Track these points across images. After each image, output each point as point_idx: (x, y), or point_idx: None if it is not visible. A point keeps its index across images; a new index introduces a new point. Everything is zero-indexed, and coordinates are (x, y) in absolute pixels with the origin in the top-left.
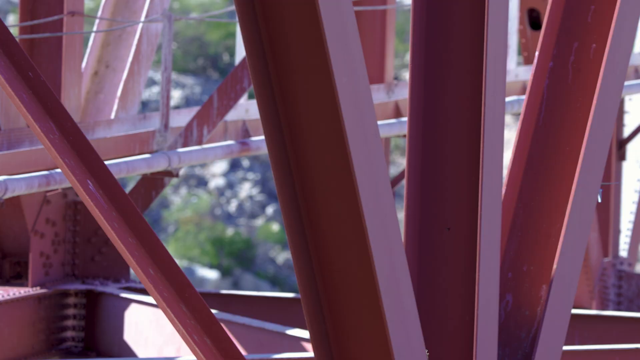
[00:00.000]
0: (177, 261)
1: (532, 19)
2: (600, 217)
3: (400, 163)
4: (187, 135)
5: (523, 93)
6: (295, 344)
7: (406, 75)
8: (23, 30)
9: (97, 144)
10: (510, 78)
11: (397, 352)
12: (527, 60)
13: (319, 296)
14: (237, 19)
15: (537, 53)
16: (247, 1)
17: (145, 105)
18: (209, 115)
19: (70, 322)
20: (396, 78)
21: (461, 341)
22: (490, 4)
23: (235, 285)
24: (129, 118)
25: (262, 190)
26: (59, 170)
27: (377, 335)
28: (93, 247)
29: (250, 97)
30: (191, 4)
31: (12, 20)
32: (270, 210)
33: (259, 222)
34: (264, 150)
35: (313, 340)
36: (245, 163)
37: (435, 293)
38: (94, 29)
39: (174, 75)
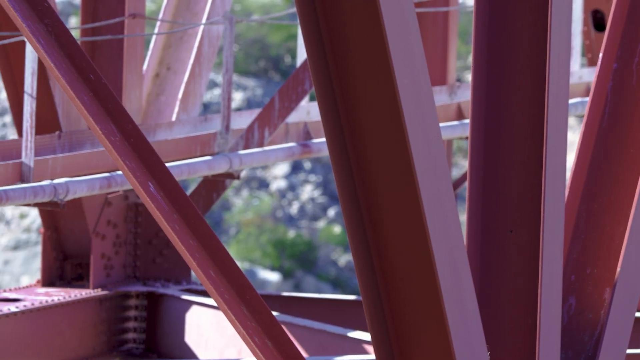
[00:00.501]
0: (239, 263)
1: (596, 21)
2: None
3: (462, 165)
4: (249, 137)
5: (587, 95)
6: (356, 346)
7: (469, 76)
8: (84, 32)
9: (158, 146)
10: (573, 80)
11: (459, 355)
12: (591, 62)
13: (380, 298)
14: (298, 20)
15: (601, 55)
16: (308, 3)
17: (206, 107)
18: (270, 117)
19: (131, 324)
20: (459, 80)
21: (524, 344)
22: (554, 5)
23: (297, 288)
24: (190, 120)
25: (324, 193)
26: (120, 172)
27: (438, 337)
28: (154, 248)
29: (312, 99)
30: (253, 6)
31: (73, 23)
32: (332, 212)
33: (321, 224)
34: (325, 152)
35: (374, 342)
36: (307, 165)
37: (498, 296)
38: (155, 31)
39: (236, 77)
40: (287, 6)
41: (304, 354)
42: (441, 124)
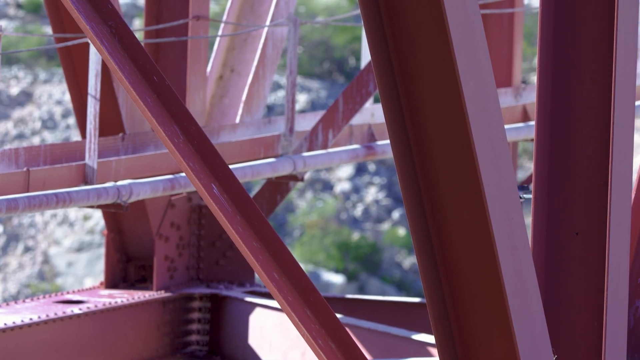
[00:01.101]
0: (303, 265)
1: None
2: None
3: (527, 167)
4: (312, 139)
5: None
6: (420, 349)
7: (534, 78)
8: (148, 34)
9: (221, 148)
10: None
11: (524, 357)
12: None
13: (445, 300)
14: (362, 22)
15: None
16: (372, 5)
17: (270, 109)
18: (334, 119)
19: (194, 326)
20: (524, 82)
21: (590, 347)
22: (620, 5)
23: (361, 290)
24: (253, 122)
25: (388, 195)
26: (183, 174)
27: (503, 340)
28: (218, 250)
29: (376, 100)
30: (317, 8)
31: (137, 25)
32: (396, 214)
33: (385, 226)
34: (389, 155)
35: (439, 344)
36: (371, 167)
37: (563, 298)
38: (219, 32)
39: (300, 79)
40: (352, 8)
41: (367, 356)
42: (506, 126)
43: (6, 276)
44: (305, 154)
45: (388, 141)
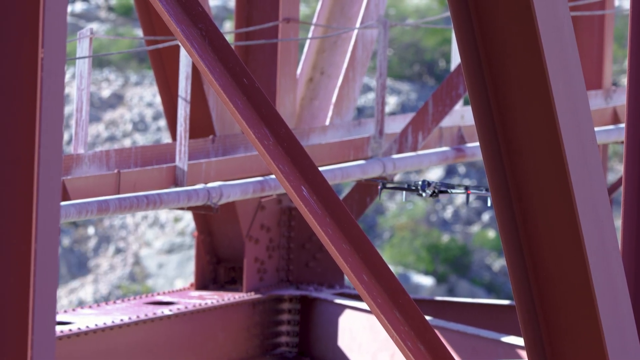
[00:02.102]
0: (393, 267)
1: None
2: None
3: (618, 170)
4: (402, 142)
5: None
6: (509, 351)
7: (624, 80)
8: (238, 37)
9: (311, 150)
10: None
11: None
12: None
13: (534, 303)
14: (452, 25)
15: None
16: (462, 7)
17: (360, 112)
18: (424, 122)
19: (284, 328)
20: (614, 84)
21: None
22: None
23: (451, 292)
24: (343, 124)
25: (478, 197)
26: (273, 176)
27: (592, 342)
28: (307, 252)
29: (466, 103)
30: (407, 10)
31: (228, 27)
32: (486, 216)
33: (475, 228)
34: (479, 157)
35: (527, 347)
36: (461, 169)
37: None
38: (309, 35)
39: (390, 82)
40: (442, 10)
41: (456, 358)
42: (596, 128)
43: (97, 277)
44: (395, 156)
45: (478, 143)
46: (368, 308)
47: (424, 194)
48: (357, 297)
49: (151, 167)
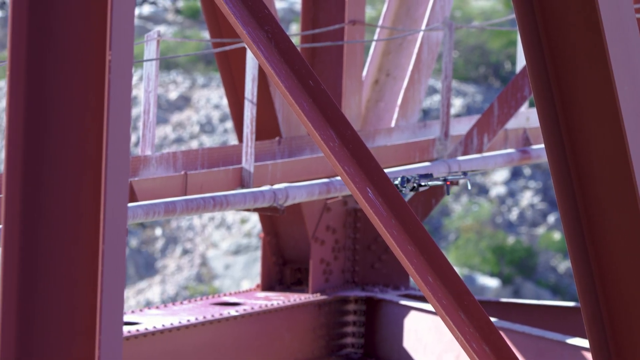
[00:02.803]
0: (458, 269)
1: None
2: None
3: None
4: (467, 144)
5: None
6: (575, 353)
7: None
8: (305, 39)
9: (377, 152)
10: None
11: None
12: None
13: (599, 305)
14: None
15: None
16: (527, 9)
17: (426, 114)
18: (489, 124)
19: (350, 329)
20: None
21: None
22: None
23: (516, 294)
24: (409, 126)
25: (544, 199)
26: (339, 178)
27: None
28: (373, 254)
29: (531, 105)
30: (473, 12)
31: (294, 30)
32: (551, 218)
33: (540, 230)
34: (544, 159)
35: (593, 349)
36: (527, 171)
37: None
38: (375, 37)
39: (455, 84)
40: (508, 12)
41: None
42: None
43: (165, 278)
44: (460, 157)
45: (543, 145)
46: (433, 309)
47: (404, 190)
48: (422, 299)
49: (218, 168)
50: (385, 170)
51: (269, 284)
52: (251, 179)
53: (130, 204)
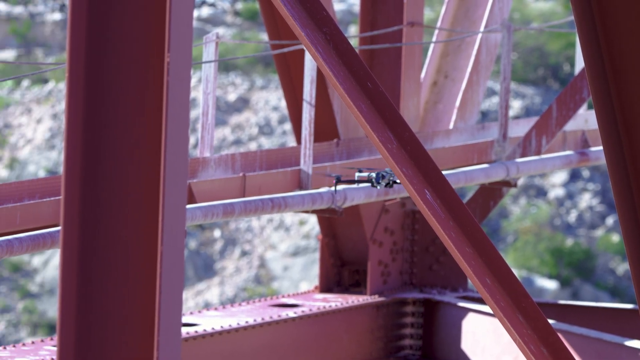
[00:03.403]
0: (516, 271)
1: None
2: None
3: None
4: (526, 146)
5: None
6: (633, 355)
7: None
8: (363, 41)
9: (435, 154)
10: None
11: None
12: None
13: None
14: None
15: None
16: (585, 11)
17: (484, 115)
18: (547, 125)
19: (408, 331)
20: None
21: None
22: None
23: (575, 296)
24: (467, 128)
25: (602, 201)
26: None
27: None
28: (431, 256)
29: (590, 107)
30: (532, 14)
31: (352, 31)
32: (610, 220)
33: (599, 232)
34: (603, 161)
35: None
36: (585, 173)
37: None
38: (433, 39)
39: (514, 85)
40: (567, 14)
41: None
42: None
43: (223, 280)
44: (519, 159)
45: (602, 147)
46: (491, 311)
47: (378, 186)
48: (480, 300)
49: (276, 170)
50: (444, 172)
51: (327, 285)
52: (309, 181)
53: (188, 206)
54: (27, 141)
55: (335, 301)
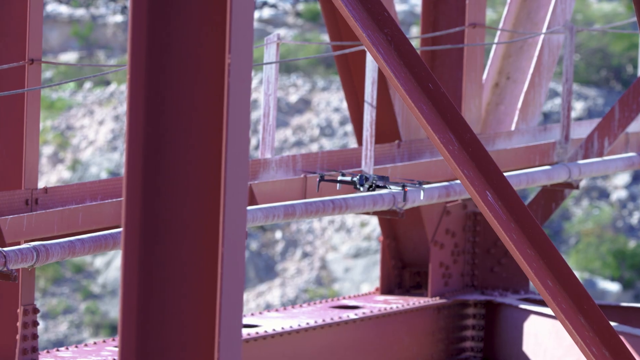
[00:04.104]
0: (578, 273)
1: None
2: None
3: None
4: (588, 147)
5: None
6: None
7: None
8: (424, 42)
9: (496, 156)
10: None
11: None
12: None
13: None
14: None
15: None
16: None
17: (546, 117)
18: (610, 127)
19: (469, 333)
20: None
21: None
22: None
23: (637, 298)
24: (529, 129)
25: None
26: (458, 181)
27: None
28: (492, 258)
29: None
30: (594, 15)
31: (414, 32)
32: None
33: None
34: None
35: None
36: None
37: None
38: (495, 40)
39: (576, 87)
40: (629, 15)
41: None
42: None
43: (285, 281)
44: (581, 161)
45: None
46: (553, 313)
47: (361, 188)
48: (542, 303)
49: (337, 171)
50: (505, 174)
51: (388, 287)
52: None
53: (249, 207)
54: (89, 143)
55: (396, 303)
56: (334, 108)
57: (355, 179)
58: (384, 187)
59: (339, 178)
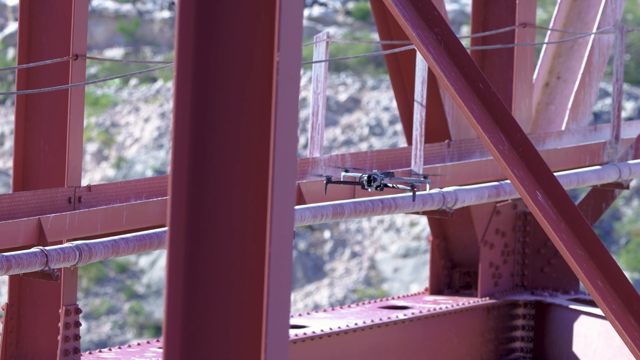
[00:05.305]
0: (628, 274)
1: None
2: None
3: None
4: (638, 147)
5: None
6: None
7: None
8: (475, 41)
9: (547, 155)
10: None
11: None
12: None
13: None
14: None
15: None
16: None
17: (597, 117)
18: None
19: (519, 333)
20: None
21: None
22: None
23: None
24: (579, 129)
25: None
26: (508, 181)
27: None
28: (542, 258)
29: None
30: None
31: (464, 32)
32: None
33: None
34: None
35: None
36: None
37: None
38: (546, 40)
39: (626, 87)
40: None
41: None
42: None
43: (333, 281)
44: (631, 161)
45: None
46: (603, 314)
47: (369, 189)
48: (592, 303)
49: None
50: (555, 174)
51: (437, 287)
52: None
53: (298, 207)
54: (135, 140)
55: (446, 303)
56: (384, 107)
57: (363, 179)
58: (393, 186)
59: (342, 176)
